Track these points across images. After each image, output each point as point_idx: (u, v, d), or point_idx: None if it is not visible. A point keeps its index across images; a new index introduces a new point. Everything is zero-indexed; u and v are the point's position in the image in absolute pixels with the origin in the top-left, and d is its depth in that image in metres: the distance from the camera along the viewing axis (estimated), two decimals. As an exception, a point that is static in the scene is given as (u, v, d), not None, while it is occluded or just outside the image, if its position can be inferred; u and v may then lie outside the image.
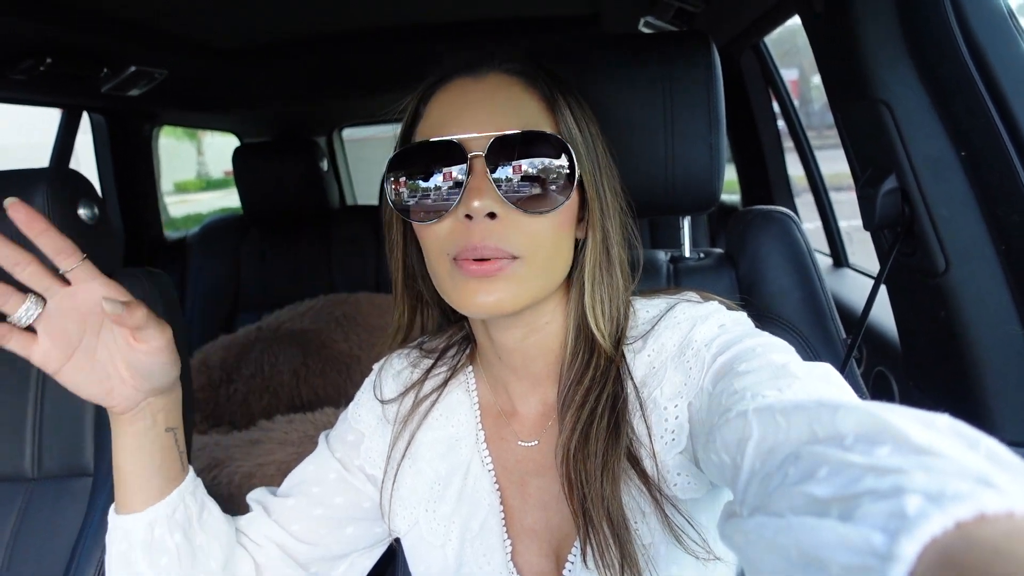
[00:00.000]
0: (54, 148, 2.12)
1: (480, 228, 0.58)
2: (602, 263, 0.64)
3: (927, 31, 0.79)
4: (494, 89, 0.61)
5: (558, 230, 0.61)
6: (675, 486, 0.60)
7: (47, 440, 1.10)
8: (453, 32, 1.85)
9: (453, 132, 0.59)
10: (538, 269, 0.60)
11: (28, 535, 1.05)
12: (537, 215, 0.59)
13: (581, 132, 0.62)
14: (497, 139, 0.58)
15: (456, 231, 0.59)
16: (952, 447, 0.31)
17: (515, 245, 0.58)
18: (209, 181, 9.43)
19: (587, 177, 0.62)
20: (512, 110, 0.60)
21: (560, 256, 0.62)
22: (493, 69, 0.63)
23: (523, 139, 0.58)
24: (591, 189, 0.62)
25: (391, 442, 0.72)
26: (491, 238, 0.57)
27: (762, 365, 0.52)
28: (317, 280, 2.52)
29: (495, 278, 0.58)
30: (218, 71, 1.95)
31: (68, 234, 1.14)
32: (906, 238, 0.88)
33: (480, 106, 0.60)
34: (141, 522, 0.64)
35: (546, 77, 0.63)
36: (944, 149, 0.81)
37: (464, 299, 0.59)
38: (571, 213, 0.62)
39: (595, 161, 0.63)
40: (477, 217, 0.57)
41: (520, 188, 0.58)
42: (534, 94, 0.62)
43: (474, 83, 0.62)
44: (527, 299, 0.60)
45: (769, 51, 2.03)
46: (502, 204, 0.58)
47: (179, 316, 1.19)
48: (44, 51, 1.43)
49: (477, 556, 0.67)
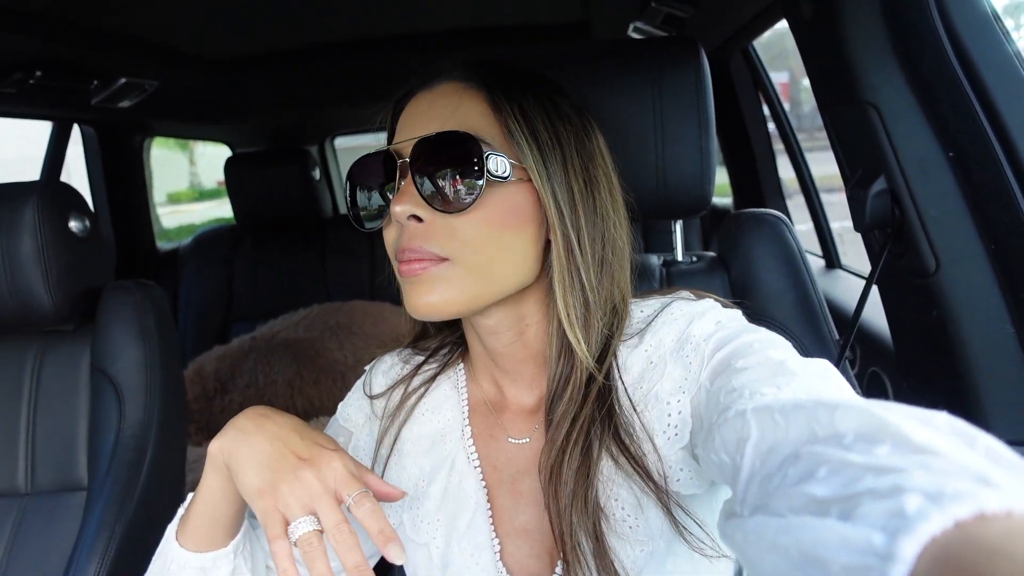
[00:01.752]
0: (44, 161, 2.11)
1: (408, 231, 0.60)
2: (569, 268, 0.61)
3: (913, 34, 0.80)
4: (438, 97, 0.63)
5: (492, 230, 0.59)
6: (678, 482, 0.60)
7: (40, 455, 1.09)
8: (443, 41, 1.85)
9: (397, 142, 0.62)
10: (472, 270, 0.59)
11: (22, 550, 1.04)
12: (458, 215, 0.59)
13: (532, 129, 0.60)
14: (418, 142, 0.59)
15: (398, 235, 0.62)
16: (951, 445, 0.31)
17: (439, 246, 0.59)
18: (202, 191, 9.40)
19: (535, 176, 0.60)
20: (448, 115, 0.61)
21: (504, 258, 0.60)
22: (443, 79, 0.64)
23: (438, 140, 0.59)
24: (541, 189, 0.60)
25: (378, 438, 0.72)
26: (415, 240, 0.59)
27: (760, 362, 0.52)
28: (311, 289, 2.51)
29: (421, 278, 0.59)
30: (209, 82, 1.94)
31: (59, 247, 1.14)
32: (896, 239, 0.89)
33: (422, 114, 0.62)
34: (230, 553, 0.64)
35: (490, 78, 0.63)
36: (932, 150, 0.82)
37: (407, 301, 0.61)
38: (506, 211, 0.60)
39: (555, 160, 0.61)
40: (402, 221, 0.60)
41: (441, 188, 0.59)
42: (475, 95, 0.62)
43: (426, 95, 0.64)
44: (464, 301, 0.60)
45: (758, 55, 2.05)
46: (422, 207, 0.59)
47: (172, 327, 1.19)
48: (33, 64, 1.43)
49: (464, 555, 0.66)
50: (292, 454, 0.56)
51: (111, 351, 1.10)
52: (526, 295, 0.65)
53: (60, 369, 1.12)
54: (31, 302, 1.05)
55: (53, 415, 1.10)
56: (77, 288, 1.09)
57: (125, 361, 1.09)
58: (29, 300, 1.05)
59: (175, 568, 0.63)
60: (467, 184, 0.59)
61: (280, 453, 0.56)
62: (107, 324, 1.11)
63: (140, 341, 1.10)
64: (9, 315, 1.06)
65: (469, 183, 0.58)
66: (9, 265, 1.04)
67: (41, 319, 1.07)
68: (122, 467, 1.05)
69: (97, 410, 1.09)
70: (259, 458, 0.56)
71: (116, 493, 1.03)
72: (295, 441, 0.57)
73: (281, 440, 0.57)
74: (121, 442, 1.06)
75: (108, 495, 1.03)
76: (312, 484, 0.54)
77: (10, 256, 1.03)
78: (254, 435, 0.57)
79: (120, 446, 1.06)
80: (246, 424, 0.58)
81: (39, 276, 1.04)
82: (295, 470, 0.54)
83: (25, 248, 1.04)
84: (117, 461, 1.05)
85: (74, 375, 1.11)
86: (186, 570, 0.63)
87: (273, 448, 0.56)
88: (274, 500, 0.54)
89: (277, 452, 0.56)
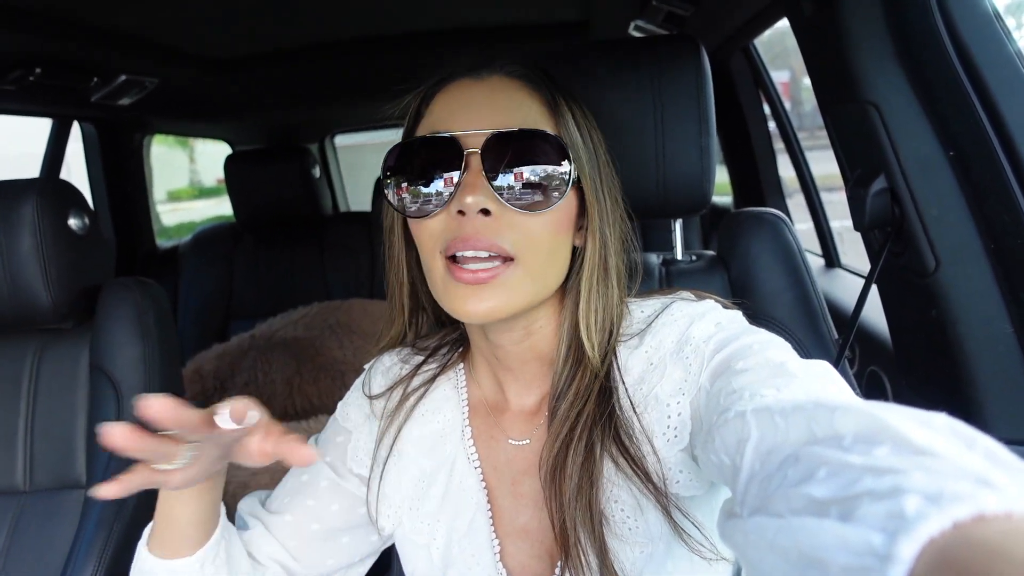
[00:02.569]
0: (44, 158, 2.11)
1: (473, 223, 0.57)
2: (599, 271, 0.63)
3: (914, 33, 0.79)
4: (495, 89, 0.61)
5: (554, 232, 0.60)
6: (677, 483, 0.60)
7: (39, 453, 1.09)
8: (444, 40, 1.85)
9: (451, 129, 0.59)
10: (533, 273, 0.59)
11: (21, 549, 1.04)
12: (532, 214, 0.58)
13: (583, 137, 0.62)
14: (493, 136, 0.58)
15: (449, 227, 0.59)
16: (950, 447, 0.31)
17: (509, 242, 0.58)
18: (202, 189, 9.39)
19: (586, 182, 0.62)
20: (512, 109, 0.60)
21: (556, 261, 0.62)
22: (495, 71, 0.63)
23: (520, 137, 0.58)
24: (591, 195, 0.62)
25: (377, 438, 0.72)
26: (484, 232, 0.57)
27: (759, 363, 0.52)
28: (310, 287, 2.51)
29: (487, 285, 0.57)
30: (209, 79, 1.94)
31: (58, 245, 1.13)
32: (896, 238, 0.89)
33: (480, 105, 0.60)
34: (195, 564, 0.62)
35: (548, 81, 0.63)
36: (933, 149, 0.81)
37: (457, 305, 0.59)
38: (568, 215, 0.62)
39: (596, 168, 0.63)
40: (470, 213, 0.57)
41: (515, 186, 0.58)
42: (536, 96, 0.62)
43: (475, 83, 0.62)
44: (520, 305, 0.60)
45: (759, 53, 2.05)
46: (496, 201, 0.57)
47: (171, 326, 1.18)
48: (33, 61, 1.43)
49: (465, 556, 0.66)
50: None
51: (110, 349, 1.09)
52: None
53: (59, 367, 1.12)
54: (30, 300, 1.05)
55: (52, 413, 1.10)
56: (76, 286, 1.09)
57: (124, 359, 1.09)
58: (28, 298, 1.05)
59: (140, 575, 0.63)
60: (550, 187, 0.58)
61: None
62: (106, 322, 1.11)
63: (139, 339, 1.10)
64: (8, 313, 1.06)
65: (554, 184, 0.58)
66: (8, 262, 1.03)
67: (40, 317, 1.07)
68: (120, 465, 1.04)
69: (96, 408, 1.09)
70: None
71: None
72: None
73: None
74: (120, 440, 1.06)
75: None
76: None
77: (9, 253, 1.03)
78: None
79: (119, 444, 1.05)
80: None
81: (38, 274, 1.04)
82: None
83: (24, 245, 1.03)
84: (115, 459, 1.05)
85: (73, 373, 1.11)
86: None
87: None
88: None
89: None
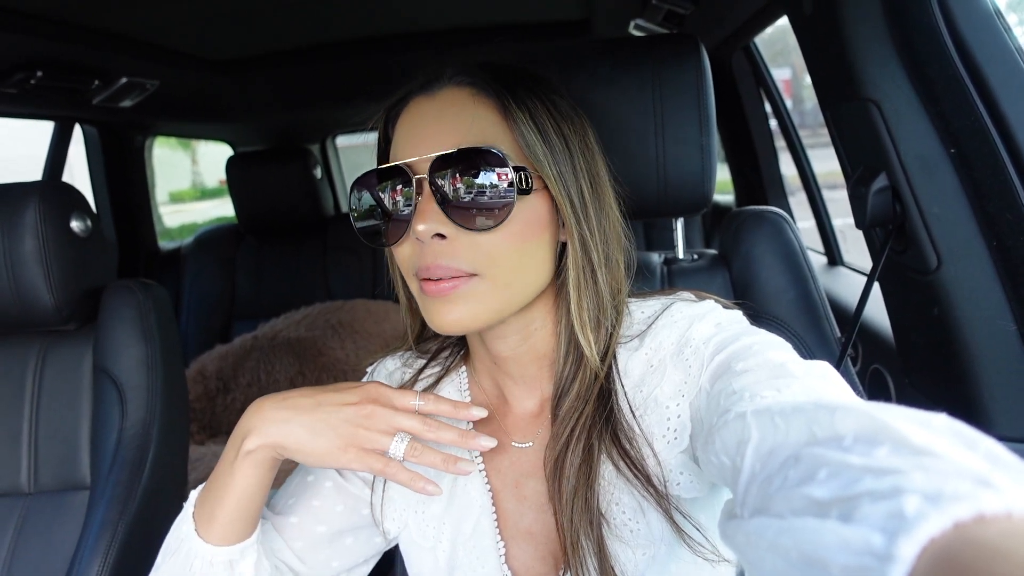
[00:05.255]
0: (47, 161, 2.11)
1: (431, 249, 0.58)
2: (585, 269, 0.62)
3: (915, 31, 0.79)
4: (445, 106, 0.61)
5: (518, 242, 0.59)
6: (678, 485, 0.60)
7: (43, 455, 1.09)
8: (445, 39, 1.85)
9: (406, 155, 0.60)
10: (500, 284, 0.59)
11: (25, 550, 1.05)
12: (486, 232, 0.58)
13: (543, 135, 0.60)
14: (438, 159, 0.58)
15: (415, 252, 0.60)
16: (950, 447, 0.31)
17: (467, 263, 0.58)
18: (204, 190, 9.41)
19: (552, 183, 0.60)
20: (463, 125, 0.59)
21: (528, 267, 0.61)
22: (445, 84, 0.62)
23: (459, 157, 0.57)
24: (559, 194, 0.60)
25: None
26: (441, 258, 0.58)
27: (759, 364, 0.52)
28: (313, 288, 2.52)
29: (450, 297, 0.58)
30: (210, 81, 1.95)
31: (61, 247, 1.13)
32: (898, 236, 0.88)
33: (430, 126, 0.60)
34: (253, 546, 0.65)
35: (498, 85, 0.61)
36: (934, 147, 0.81)
37: (431, 317, 0.60)
38: (533, 221, 0.60)
39: (568, 161, 0.61)
40: (425, 240, 0.58)
41: (462, 206, 0.57)
42: (487, 103, 0.60)
43: (428, 101, 0.61)
44: (490, 315, 0.60)
45: (759, 51, 2.04)
46: (448, 224, 0.57)
47: (174, 327, 1.19)
48: (34, 64, 1.43)
49: (471, 559, 0.67)
50: (343, 406, 0.60)
51: (113, 351, 1.10)
52: (535, 299, 0.64)
53: (62, 369, 1.12)
54: (33, 302, 1.06)
55: (55, 415, 1.10)
56: (79, 288, 1.10)
57: (127, 361, 1.09)
58: (31, 300, 1.05)
59: (200, 564, 0.63)
60: (496, 202, 0.57)
61: (335, 411, 0.60)
62: (109, 324, 1.11)
63: (142, 341, 1.10)
64: (11, 315, 1.07)
65: (498, 201, 0.57)
66: (11, 265, 1.04)
67: (43, 319, 1.08)
68: (124, 466, 1.05)
69: (99, 410, 1.09)
70: (319, 427, 0.59)
71: (118, 492, 1.03)
72: (330, 397, 0.61)
73: (321, 404, 0.60)
74: (123, 441, 1.06)
75: (110, 494, 1.03)
76: (379, 412, 0.59)
77: (12, 256, 1.04)
78: (295, 415, 0.60)
79: (122, 445, 1.06)
80: (275, 414, 0.61)
81: (41, 276, 1.05)
82: (358, 414, 0.59)
83: (27, 248, 1.04)
84: (119, 460, 1.05)
85: (76, 375, 1.11)
86: (214, 566, 0.63)
87: (325, 412, 0.60)
88: (357, 446, 0.59)
89: (331, 413, 0.60)
